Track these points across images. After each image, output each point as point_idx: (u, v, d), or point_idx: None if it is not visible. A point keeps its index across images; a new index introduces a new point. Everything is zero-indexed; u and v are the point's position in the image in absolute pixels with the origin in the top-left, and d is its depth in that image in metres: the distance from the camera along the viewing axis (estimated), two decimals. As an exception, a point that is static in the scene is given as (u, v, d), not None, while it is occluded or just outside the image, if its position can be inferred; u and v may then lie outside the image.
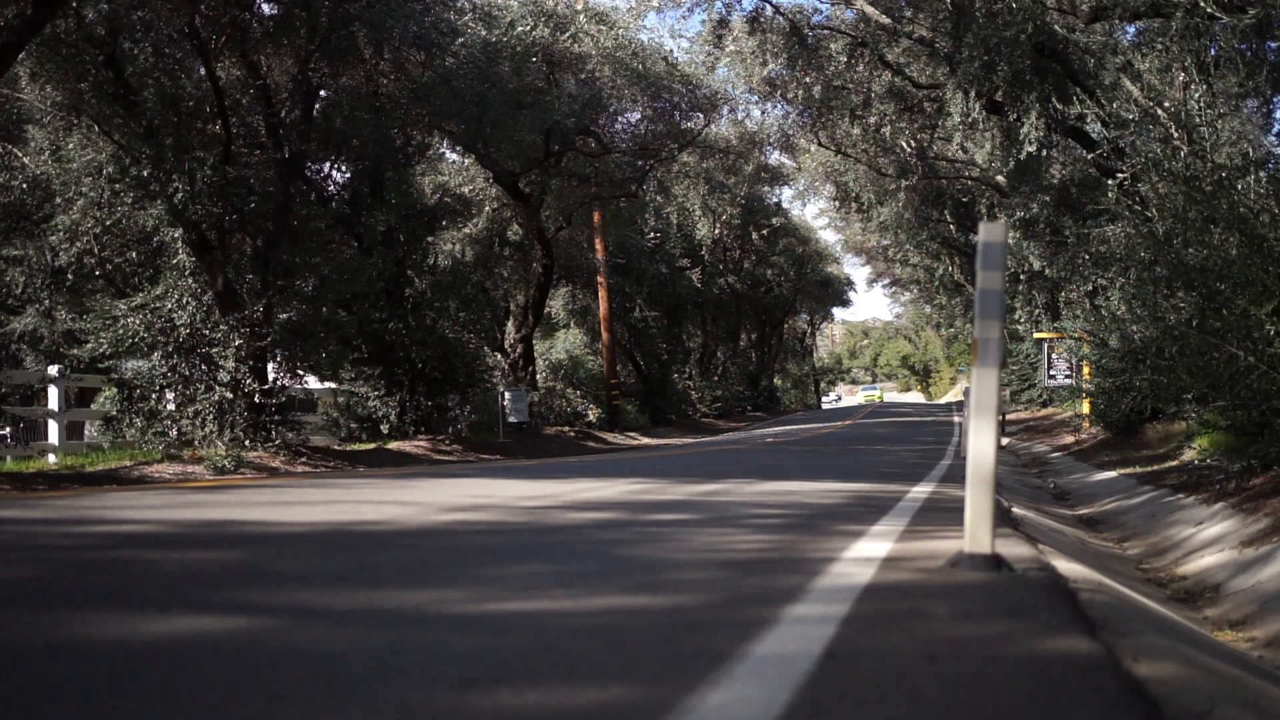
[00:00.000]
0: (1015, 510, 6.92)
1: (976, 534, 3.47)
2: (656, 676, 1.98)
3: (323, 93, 17.92)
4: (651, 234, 34.67)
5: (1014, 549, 4.12)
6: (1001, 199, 24.20)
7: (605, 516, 5.12)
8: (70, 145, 15.81)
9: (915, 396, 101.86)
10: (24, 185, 16.74)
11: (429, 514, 4.91)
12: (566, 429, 26.32)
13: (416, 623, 2.40)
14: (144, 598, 2.58)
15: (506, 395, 22.65)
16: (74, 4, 12.90)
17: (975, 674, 2.08)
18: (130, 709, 1.68)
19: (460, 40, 18.57)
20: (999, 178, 23.50)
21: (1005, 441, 21.42)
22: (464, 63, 18.81)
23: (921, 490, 7.59)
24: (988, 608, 2.81)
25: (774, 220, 41.19)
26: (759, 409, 46.08)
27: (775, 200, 41.20)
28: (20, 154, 17.08)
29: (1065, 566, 4.11)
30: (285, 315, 15.54)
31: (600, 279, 29.84)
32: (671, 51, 22.12)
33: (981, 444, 3.51)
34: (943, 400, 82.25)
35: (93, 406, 18.73)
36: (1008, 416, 25.77)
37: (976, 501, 3.47)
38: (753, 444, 21.58)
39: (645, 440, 27.65)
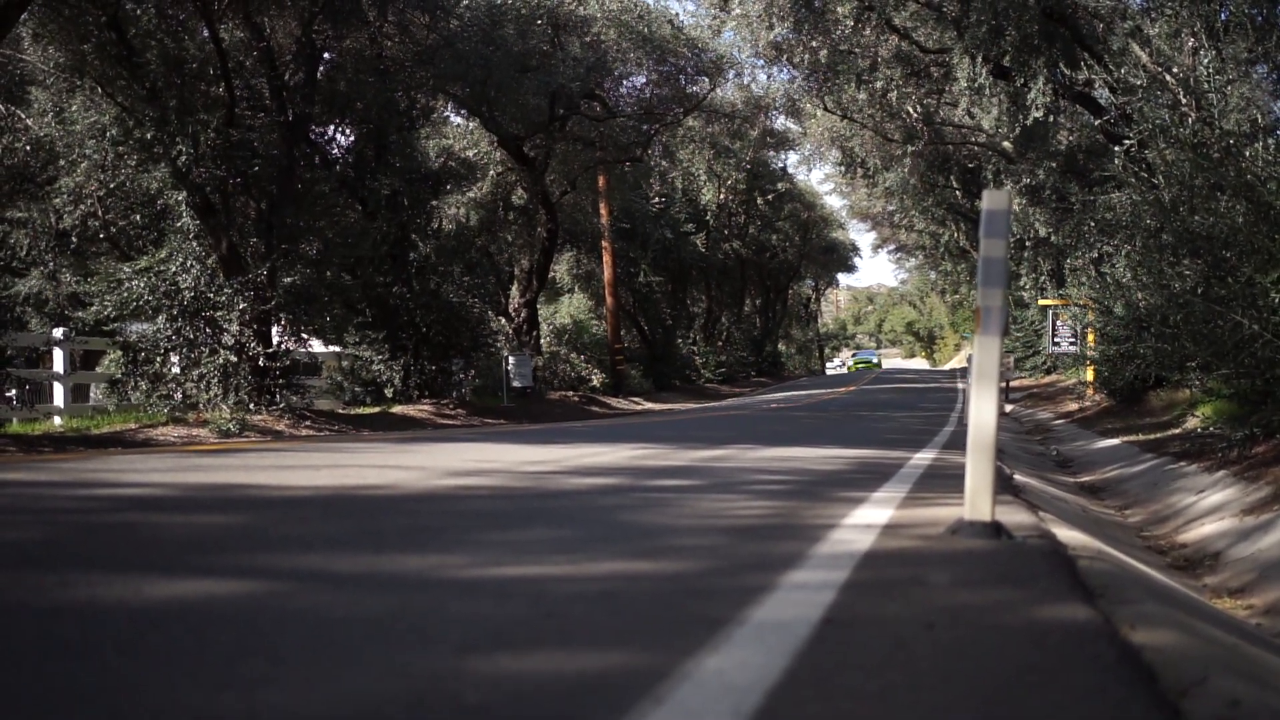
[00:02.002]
0: (1017, 477, 6.93)
1: (977, 502, 3.48)
2: (655, 642, 2.00)
3: (326, 55, 17.82)
4: (656, 199, 34.56)
5: (1014, 516, 4.13)
6: (1008, 165, 24.08)
7: (608, 482, 5.14)
8: (73, 107, 15.74)
9: (920, 363, 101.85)
10: (27, 147, 16.68)
11: (432, 478, 4.93)
12: (570, 394, 26.36)
13: (418, 587, 2.42)
14: (148, 561, 2.59)
15: (510, 360, 22.66)
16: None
17: (973, 641, 2.09)
18: (134, 669, 1.69)
19: (465, 2, 18.46)
20: (1005, 143, 23.38)
21: (1009, 408, 21.44)
22: (468, 25, 18.71)
23: (924, 457, 7.60)
24: (987, 575, 2.83)
25: (779, 185, 41.04)
26: (763, 374, 46.11)
27: (781, 165, 41.08)
28: (23, 116, 17.00)
29: (1065, 534, 4.12)
30: (289, 279, 15.54)
31: (605, 244, 29.78)
32: (677, 15, 22.06)
33: (983, 412, 3.51)
34: (947, 366, 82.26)
35: (98, 369, 18.76)
36: (1011, 383, 25.78)
37: (977, 469, 3.48)
38: (756, 410, 21.62)
39: (649, 405, 27.70)
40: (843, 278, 74.14)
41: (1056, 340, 22.00)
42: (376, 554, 2.83)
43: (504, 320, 26.87)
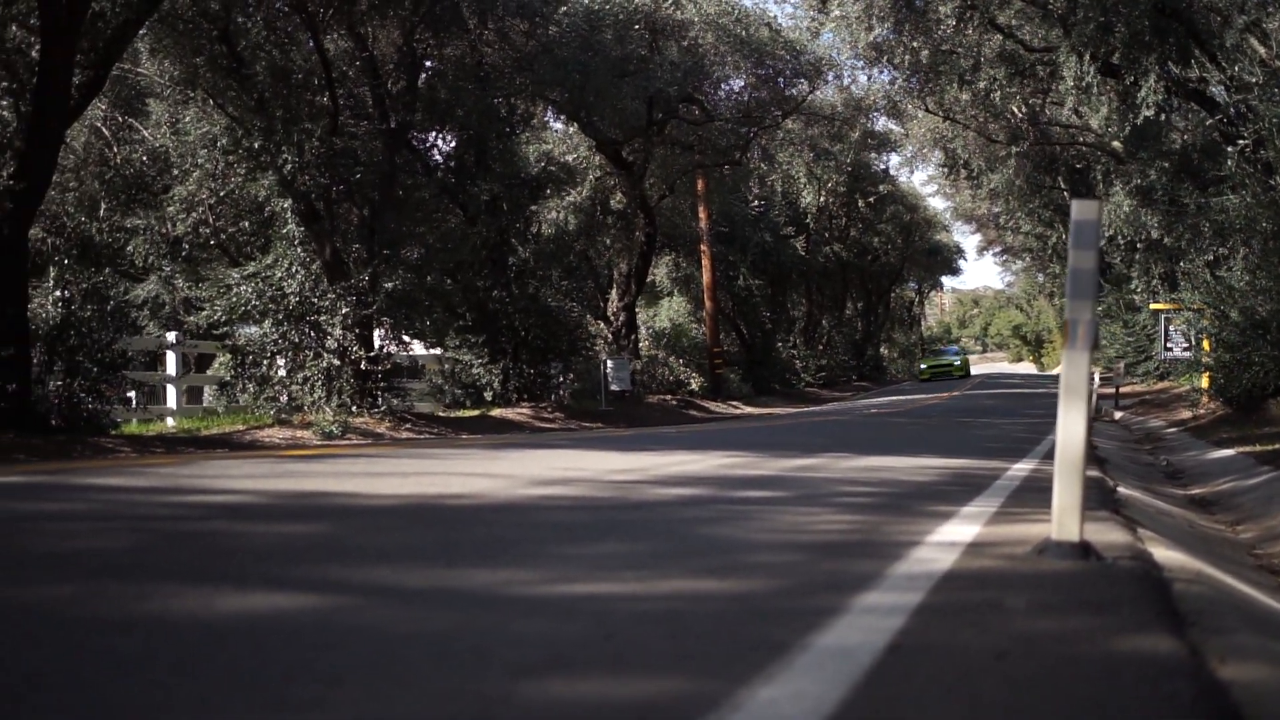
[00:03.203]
0: (1121, 490, 6.71)
1: (1064, 520, 3.37)
2: (711, 668, 1.97)
3: (428, 63, 18.13)
4: (756, 202, 34.40)
5: (1108, 535, 4.00)
6: (1117, 165, 23.40)
7: (691, 493, 5.11)
8: (187, 118, 16.30)
9: (1027, 367, 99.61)
10: (144, 158, 17.30)
11: (516, 487, 4.96)
12: (669, 397, 26.38)
13: (484, 604, 2.43)
14: (225, 572, 2.65)
15: (609, 363, 22.77)
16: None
17: (1043, 674, 2.02)
18: (189, 688, 1.72)
19: (564, 8, 18.61)
20: (1115, 143, 22.72)
21: (1118, 415, 20.84)
22: (567, 31, 18.86)
23: (1023, 467, 7.41)
24: (1068, 600, 2.73)
25: (881, 187, 40.52)
26: (864, 378, 45.58)
27: (883, 167, 40.54)
28: (141, 127, 17.64)
29: (1163, 554, 3.97)
30: (390, 284, 15.82)
31: (703, 247, 29.73)
32: (775, 17, 21.89)
33: (1071, 428, 3.40)
34: (1055, 371, 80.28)
35: (209, 372, 19.35)
36: (1121, 389, 25.06)
37: (1065, 487, 3.37)
38: (855, 415, 21.37)
39: (748, 409, 27.58)
40: (947, 280, 72.68)
41: (1169, 345, 21.35)
42: (449, 567, 2.85)
43: (602, 324, 27.01)
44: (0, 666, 1.81)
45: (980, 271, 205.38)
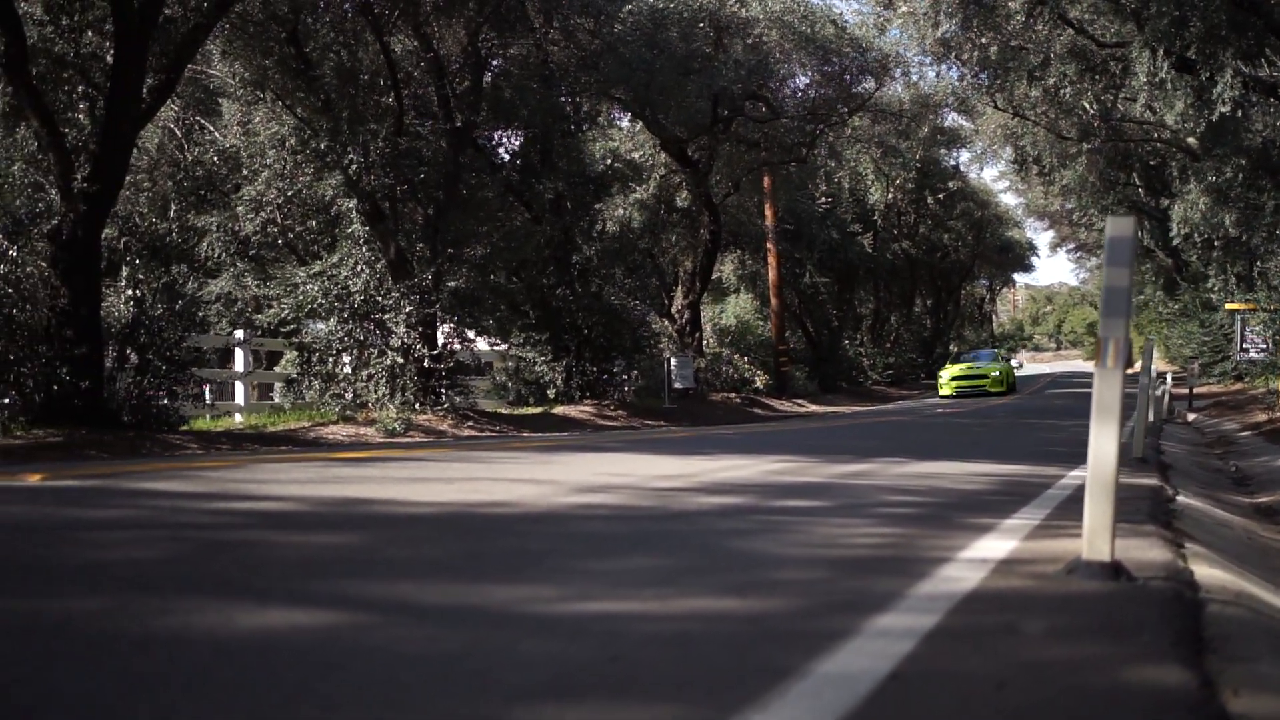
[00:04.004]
0: (1180, 498, 6.59)
1: (1095, 541, 3.33)
2: (709, 695, 1.99)
3: (493, 62, 18.28)
4: (822, 199, 34.20)
5: (1147, 553, 3.94)
6: (1193, 162, 22.89)
7: (732, 501, 5.12)
8: (256, 119, 16.62)
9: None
10: (214, 158, 17.67)
11: (558, 495, 5.00)
12: (733, 395, 26.33)
13: (497, 623, 2.46)
14: (251, 586, 2.72)
15: (672, 361, 22.78)
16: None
17: (1042, 706, 2.01)
18: (191, 710, 1.78)
19: (628, 7, 18.65)
20: (1190, 140, 22.24)
21: (1191, 417, 20.41)
22: (632, 29, 18.91)
23: (1079, 475, 7.28)
24: (1088, 625, 2.70)
25: (951, 184, 40.05)
26: (933, 376, 45.08)
27: (952, 163, 40.07)
28: (212, 128, 18.02)
29: (1204, 573, 3.89)
30: (453, 283, 16.01)
31: (769, 245, 29.64)
32: (840, 14, 21.75)
33: (1103, 448, 3.36)
34: (1131, 370, 78.44)
35: (276, 369, 19.71)
36: (1195, 390, 24.54)
37: (1095, 507, 3.33)
38: (919, 415, 21.17)
39: (813, 408, 27.44)
40: (1019, 277, 71.63)
41: (1245, 346, 20.85)
42: (471, 583, 2.89)
43: (667, 322, 27.04)
44: (20, 685, 1.88)
45: (1054, 268, 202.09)
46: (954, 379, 33.18)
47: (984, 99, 23.04)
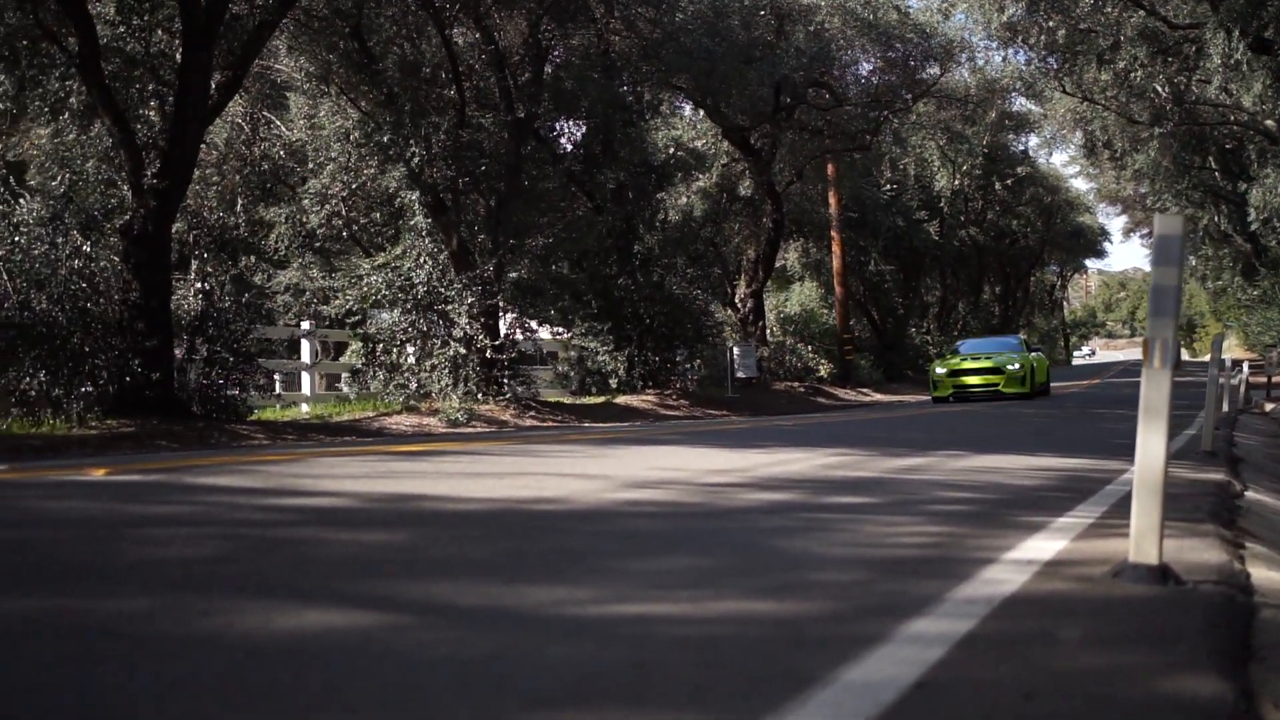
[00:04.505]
0: (1249, 494, 6.46)
1: (1142, 544, 3.28)
2: (726, 703, 1.99)
3: (554, 53, 18.35)
4: (887, 186, 33.87)
5: (1202, 554, 3.86)
6: (1271, 145, 22.31)
7: (781, 498, 5.11)
8: (321, 113, 16.86)
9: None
10: (281, 152, 17.97)
11: (607, 491, 5.03)
12: (796, 384, 26.23)
13: (530, 625, 2.49)
14: (293, 585, 2.77)
15: (735, 350, 22.74)
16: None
17: (1068, 718, 1.99)
18: (214, 715, 1.83)
19: (688, -4, 18.63)
20: (1268, 122, 21.67)
21: (1269, 407, 19.94)
22: (693, 18, 18.87)
23: (1141, 470, 7.15)
24: (1127, 632, 2.66)
25: (1019, 169, 39.42)
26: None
27: (1020, 148, 39.41)
28: (279, 123, 18.32)
29: (1263, 575, 3.80)
30: (515, 273, 16.12)
31: (833, 232, 29.44)
32: (904, 0, 21.44)
33: (1150, 449, 3.31)
34: (1205, 358, 76.71)
35: (342, 360, 20.00)
36: (1274, 379, 23.96)
37: (1143, 509, 3.28)
38: (984, 404, 20.91)
39: (877, 397, 27.23)
40: (1091, 263, 70.35)
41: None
42: (508, 583, 2.92)
43: (730, 311, 26.99)
44: (64, 689, 1.93)
45: (1128, 253, 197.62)
46: (952, 375, 23.26)
47: (1052, 84, 22.65)
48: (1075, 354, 76.98)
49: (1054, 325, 67.37)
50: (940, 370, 23.41)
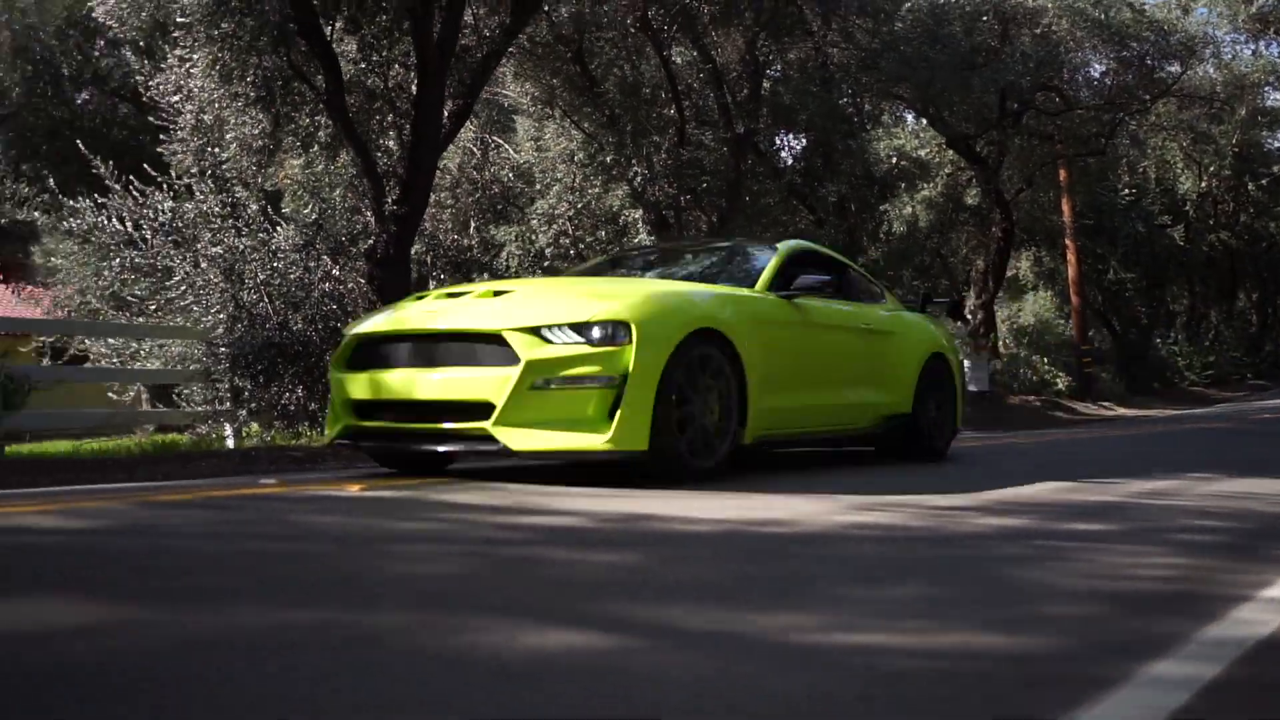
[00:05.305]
0: None
1: None
2: (954, 745, 1.98)
3: (771, 69, 18.39)
4: (1125, 191, 32.25)
5: None
6: None
7: (1014, 523, 4.97)
8: (546, 135, 17.45)
9: None
10: (509, 174, 18.68)
11: (835, 513, 5.01)
12: (1032, 398, 25.31)
13: (750, 653, 2.51)
14: (530, 605, 2.90)
15: (966, 364, 22.12)
16: (545, 8, 14.14)
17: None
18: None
19: (908, 4, 18.31)
20: None
21: None
22: (912, 27, 18.55)
23: None
24: (1398, 685, 2.48)
25: (1276, 168, 36.75)
26: (1261, 377, 41.51)
27: (1276, 146, 36.70)
28: (507, 146, 19.07)
29: None
30: (738, 289, 16.19)
31: (1067, 240, 28.27)
32: (1139, -3, 20.39)
33: None
34: None
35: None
36: None
37: None
38: (1241, 420, 19.62)
39: (1120, 411, 25.96)
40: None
41: None
42: (733, 609, 2.96)
43: (960, 324, 26.29)
44: (340, 697, 2.10)
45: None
46: None
47: (1310, 76, 21.10)
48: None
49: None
50: None
